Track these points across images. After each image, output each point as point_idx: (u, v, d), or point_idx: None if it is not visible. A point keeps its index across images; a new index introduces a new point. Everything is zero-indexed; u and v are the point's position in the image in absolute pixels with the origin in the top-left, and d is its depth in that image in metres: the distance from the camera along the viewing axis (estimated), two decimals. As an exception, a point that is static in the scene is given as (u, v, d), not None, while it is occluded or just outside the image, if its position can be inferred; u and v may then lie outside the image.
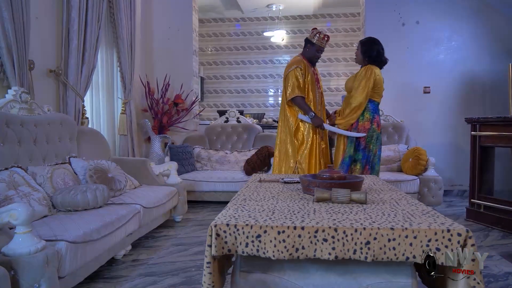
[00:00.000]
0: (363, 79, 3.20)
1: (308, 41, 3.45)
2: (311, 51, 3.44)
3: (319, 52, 3.45)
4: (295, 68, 3.35)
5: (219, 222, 1.43)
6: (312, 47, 3.42)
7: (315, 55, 3.46)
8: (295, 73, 3.34)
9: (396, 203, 1.77)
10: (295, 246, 1.38)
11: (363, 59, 3.35)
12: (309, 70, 3.40)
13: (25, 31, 2.84)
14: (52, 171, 2.61)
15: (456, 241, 1.34)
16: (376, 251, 1.35)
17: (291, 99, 3.38)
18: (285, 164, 3.47)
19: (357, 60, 3.42)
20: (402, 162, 4.34)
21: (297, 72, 3.34)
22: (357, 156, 3.28)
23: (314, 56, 3.46)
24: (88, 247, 2.01)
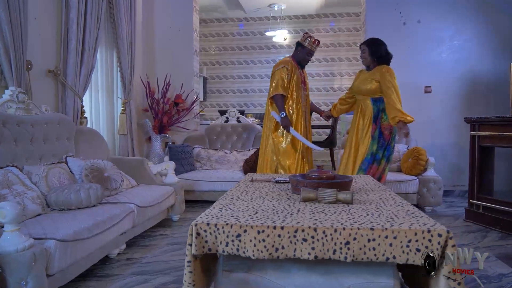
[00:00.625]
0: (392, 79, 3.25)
1: (300, 44, 3.56)
2: (301, 54, 3.53)
3: (309, 55, 3.56)
4: (282, 68, 3.47)
5: (199, 221, 1.44)
6: (303, 50, 3.51)
7: (305, 58, 3.56)
8: (281, 72, 3.46)
9: (383, 204, 1.76)
10: (274, 245, 1.38)
11: (372, 60, 3.40)
12: (295, 71, 3.49)
13: (23, 32, 2.87)
14: (48, 170, 2.64)
15: (436, 242, 1.33)
16: (355, 251, 1.35)
17: (272, 96, 3.47)
18: (266, 161, 3.54)
19: (366, 62, 3.44)
20: (402, 162, 4.31)
21: (283, 71, 3.45)
22: (379, 153, 3.30)
23: (304, 59, 3.56)
24: (78, 245, 2.03)
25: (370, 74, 3.41)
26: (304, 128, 3.57)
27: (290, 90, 3.47)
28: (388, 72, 3.28)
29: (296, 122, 3.51)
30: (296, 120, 3.50)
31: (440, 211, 4.08)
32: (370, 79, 3.38)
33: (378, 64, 3.41)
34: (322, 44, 7.64)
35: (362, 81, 3.46)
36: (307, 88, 3.65)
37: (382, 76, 3.27)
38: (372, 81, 3.36)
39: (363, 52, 3.45)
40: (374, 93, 3.39)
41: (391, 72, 3.31)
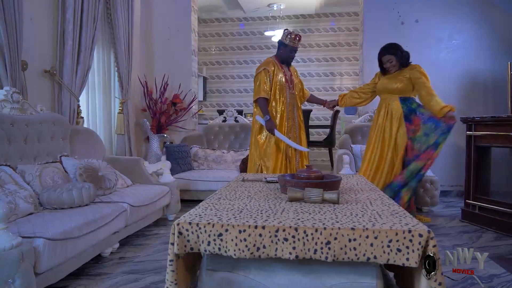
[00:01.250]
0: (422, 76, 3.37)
1: (281, 43, 3.55)
2: (284, 53, 3.53)
3: (292, 52, 3.56)
4: (263, 70, 3.48)
5: (182, 221, 1.44)
6: (285, 48, 3.51)
7: (289, 56, 3.56)
8: (261, 75, 3.46)
9: (369, 203, 1.76)
10: (256, 245, 1.39)
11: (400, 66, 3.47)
12: (279, 71, 3.47)
13: (18, 32, 2.89)
14: (42, 169, 2.66)
15: (417, 242, 1.32)
16: (336, 251, 1.35)
17: (255, 100, 3.50)
18: (252, 162, 3.55)
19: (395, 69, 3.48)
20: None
21: (263, 74, 3.45)
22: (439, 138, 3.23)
23: (288, 57, 3.56)
24: (68, 244, 2.04)
25: (398, 73, 3.47)
26: (292, 128, 3.54)
27: (273, 92, 3.46)
28: (422, 70, 3.39)
29: (280, 123, 3.49)
30: (280, 121, 3.49)
31: (437, 211, 4.06)
32: (399, 78, 3.43)
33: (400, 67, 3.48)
34: (322, 44, 7.65)
35: (389, 79, 3.47)
36: (294, 86, 3.61)
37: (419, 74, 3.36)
38: (402, 80, 3.42)
39: (389, 62, 3.47)
40: (403, 92, 3.43)
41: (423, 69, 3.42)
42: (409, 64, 3.49)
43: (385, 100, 3.51)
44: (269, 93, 3.46)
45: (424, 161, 3.26)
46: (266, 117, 3.40)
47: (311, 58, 7.67)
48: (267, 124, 3.41)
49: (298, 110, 3.64)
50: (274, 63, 3.51)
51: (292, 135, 3.54)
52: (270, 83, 3.45)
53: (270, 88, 3.46)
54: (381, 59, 3.53)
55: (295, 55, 3.60)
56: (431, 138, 3.27)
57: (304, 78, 7.72)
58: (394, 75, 3.48)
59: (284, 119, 3.50)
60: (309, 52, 7.66)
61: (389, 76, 3.51)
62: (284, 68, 3.56)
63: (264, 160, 3.44)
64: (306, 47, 7.66)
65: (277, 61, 3.54)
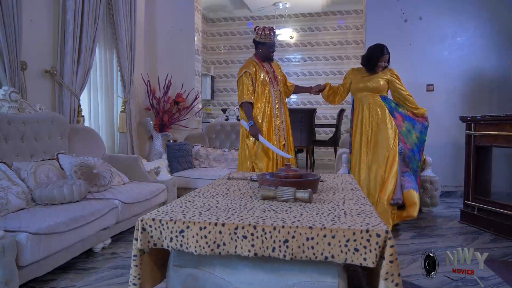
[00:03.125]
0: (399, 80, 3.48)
1: (257, 42, 3.48)
2: (263, 51, 3.46)
3: (271, 48, 3.47)
4: (244, 73, 3.44)
5: (146, 217, 1.48)
6: (263, 46, 3.45)
7: (269, 52, 3.48)
8: (243, 79, 3.43)
9: (342, 203, 1.76)
10: (216, 242, 1.41)
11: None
12: (261, 71, 3.43)
13: (17, 34, 2.98)
14: (37, 167, 2.75)
15: (374, 242, 1.32)
16: (294, 249, 1.36)
17: (240, 104, 3.48)
18: (243, 165, 3.54)
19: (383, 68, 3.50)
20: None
21: (245, 77, 3.42)
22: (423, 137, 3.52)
23: (268, 54, 3.48)
24: (53, 238, 2.11)
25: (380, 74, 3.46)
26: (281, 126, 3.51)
27: (257, 92, 3.42)
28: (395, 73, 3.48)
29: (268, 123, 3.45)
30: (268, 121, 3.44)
31: (437, 212, 3.99)
32: (377, 79, 3.43)
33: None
34: (329, 42, 7.60)
35: (369, 78, 3.45)
36: (279, 82, 3.54)
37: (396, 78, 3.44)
38: (382, 80, 3.43)
39: (385, 62, 3.45)
40: (383, 90, 3.45)
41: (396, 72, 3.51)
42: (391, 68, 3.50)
43: (366, 98, 3.42)
44: (253, 96, 3.43)
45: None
46: (250, 122, 3.36)
47: (318, 57, 7.63)
48: (251, 129, 3.37)
49: (285, 107, 3.60)
50: (254, 63, 3.46)
51: (282, 133, 3.52)
52: (253, 85, 3.42)
53: (253, 91, 3.43)
54: (380, 58, 3.48)
55: (275, 50, 3.53)
56: (412, 135, 3.48)
57: (311, 77, 7.70)
58: (376, 75, 3.43)
59: (272, 118, 3.47)
60: (316, 51, 7.63)
61: (365, 75, 3.46)
62: (266, 65, 3.50)
63: (256, 162, 3.44)
64: (313, 46, 7.63)
65: (257, 60, 3.49)
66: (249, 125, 3.41)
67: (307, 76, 7.72)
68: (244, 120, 3.48)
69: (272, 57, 3.58)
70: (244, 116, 3.49)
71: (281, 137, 3.54)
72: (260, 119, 3.46)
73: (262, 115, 3.47)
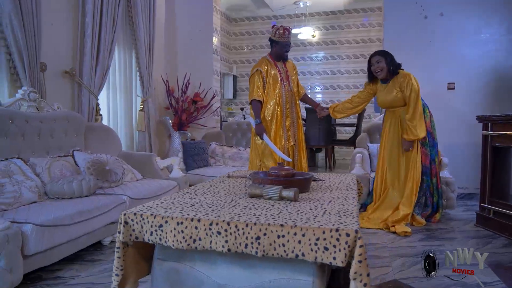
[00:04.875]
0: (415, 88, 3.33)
1: (272, 40, 3.49)
2: (278, 49, 3.47)
3: (285, 47, 3.48)
4: (256, 72, 3.46)
5: (128, 212, 1.55)
6: (277, 45, 3.46)
7: (282, 51, 3.48)
8: (255, 77, 3.45)
9: (327, 203, 1.76)
10: (192, 237, 1.45)
11: (388, 70, 3.41)
12: (272, 69, 3.43)
13: (36, 36, 3.16)
14: (51, 162, 2.91)
15: (344, 241, 1.32)
16: (266, 246, 1.38)
17: (250, 102, 3.50)
18: (253, 163, 3.56)
19: (383, 74, 3.43)
20: (415, 162, 4.13)
21: (256, 75, 3.44)
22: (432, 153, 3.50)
23: (282, 53, 3.49)
24: (58, 230, 2.23)
25: (391, 86, 3.43)
26: (291, 126, 3.51)
27: (266, 91, 3.44)
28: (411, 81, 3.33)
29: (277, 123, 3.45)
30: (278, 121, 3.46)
31: (453, 215, 3.86)
32: (394, 90, 3.41)
33: (393, 75, 3.41)
34: (352, 41, 7.48)
35: (387, 93, 3.45)
36: (292, 82, 3.54)
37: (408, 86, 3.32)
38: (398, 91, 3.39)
39: (378, 63, 3.41)
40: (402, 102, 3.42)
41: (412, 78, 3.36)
42: (400, 72, 3.40)
43: (394, 113, 3.50)
44: (263, 94, 3.45)
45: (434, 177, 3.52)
46: (257, 121, 3.39)
47: (341, 55, 7.53)
48: (256, 128, 3.39)
49: (296, 107, 3.60)
50: (267, 61, 3.49)
51: (292, 134, 3.52)
52: (263, 84, 3.45)
53: (264, 89, 3.45)
54: (370, 60, 3.45)
55: (289, 49, 3.53)
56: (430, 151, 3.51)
57: (333, 76, 7.62)
58: (389, 87, 3.42)
59: (280, 118, 3.47)
60: (339, 49, 7.53)
61: (384, 88, 3.47)
62: (279, 65, 3.52)
63: (264, 161, 3.46)
64: (336, 44, 7.53)
65: (271, 59, 3.51)
66: (255, 123, 3.44)
67: (329, 75, 7.64)
68: (253, 118, 3.52)
69: (286, 57, 3.59)
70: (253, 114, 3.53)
71: (290, 138, 3.54)
72: (269, 118, 3.48)
73: (271, 114, 3.48)
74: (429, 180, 3.49)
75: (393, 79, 3.42)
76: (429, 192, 3.50)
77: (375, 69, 3.42)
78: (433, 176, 3.50)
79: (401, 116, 3.45)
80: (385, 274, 2.34)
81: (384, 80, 3.47)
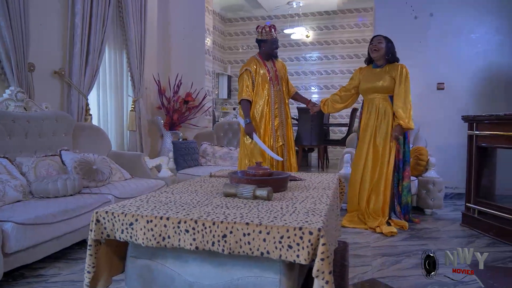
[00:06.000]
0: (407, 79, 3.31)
1: (260, 40, 3.51)
2: (266, 48, 3.49)
3: (274, 44, 3.50)
4: (245, 71, 3.47)
5: (100, 210, 1.57)
6: (266, 44, 3.47)
7: (272, 48, 3.50)
8: (244, 76, 3.46)
9: (300, 202, 1.78)
10: (161, 235, 1.48)
11: (384, 55, 3.39)
12: (261, 68, 3.45)
13: (24, 37, 3.19)
14: (38, 162, 2.93)
15: (307, 240, 1.34)
16: (232, 244, 1.40)
17: (239, 102, 3.52)
18: (241, 162, 3.58)
19: (378, 54, 3.40)
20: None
21: (246, 75, 3.45)
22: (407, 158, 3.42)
23: (271, 51, 3.50)
24: (40, 229, 2.26)
25: (383, 71, 3.38)
26: (280, 126, 3.53)
27: (255, 91, 3.46)
28: (405, 71, 3.32)
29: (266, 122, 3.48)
30: (267, 120, 3.48)
31: (440, 214, 3.89)
32: (385, 76, 3.35)
33: (388, 63, 3.40)
34: (346, 41, 7.50)
35: (374, 77, 3.41)
36: (281, 81, 3.54)
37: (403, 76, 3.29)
38: (389, 78, 3.35)
39: (379, 42, 3.41)
40: (389, 90, 3.35)
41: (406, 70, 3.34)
42: (395, 63, 3.37)
43: (373, 101, 3.40)
44: (252, 94, 3.47)
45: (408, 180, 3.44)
46: (246, 120, 3.41)
47: (335, 55, 7.56)
48: (246, 127, 3.41)
49: (285, 107, 3.61)
50: (256, 61, 3.51)
51: (281, 133, 3.54)
52: (252, 83, 3.47)
53: (253, 89, 3.47)
54: (372, 40, 3.47)
55: (278, 46, 3.55)
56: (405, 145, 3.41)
57: (328, 76, 7.64)
58: (379, 72, 3.37)
59: (270, 118, 3.49)
60: (333, 49, 7.55)
61: (374, 74, 3.40)
62: (269, 64, 3.53)
63: (253, 160, 3.48)
64: (330, 44, 7.56)
65: (260, 58, 3.53)
66: (245, 122, 3.46)
67: (323, 75, 7.66)
68: (242, 117, 3.54)
69: (276, 54, 3.61)
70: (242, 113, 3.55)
71: (279, 137, 3.55)
72: (258, 118, 3.50)
73: (260, 114, 3.50)
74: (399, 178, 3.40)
75: (388, 66, 3.38)
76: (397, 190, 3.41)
77: (373, 47, 3.41)
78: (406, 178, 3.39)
79: (379, 105, 3.38)
80: (364, 273, 2.36)
81: (377, 65, 3.45)
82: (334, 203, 2.16)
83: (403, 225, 3.30)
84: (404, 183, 3.38)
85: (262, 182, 1.94)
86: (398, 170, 3.38)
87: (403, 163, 3.38)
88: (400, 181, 3.39)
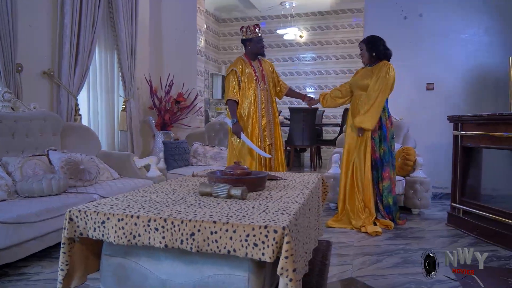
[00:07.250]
0: (384, 78, 3.31)
1: (244, 40, 3.54)
2: (253, 47, 3.50)
3: (260, 42, 3.52)
4: (231, 72, 3.49)
5: (73, 208, 1.59)
6: (252, 42, 3.49)
7: (258, 47, 3.52)
8: (230, 77, 3.49)
9: (274, 201, 1.80)
10: (132, 233, 1.50)
11: (370, 57, 3.46)
12: (247, 68, 3.46)
13: (12, 37, 3.21)
14: (24, 161, 2.96)
15: (272, 238, 1.36)
16: (200, 242, 1.43)
17: (226, 102, 3.56)
18: (230, 162, 3.61)
19: (364, 59, 3.51)
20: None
21: (232, 76, 3.47)
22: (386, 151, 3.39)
23: (258, 49, 3.52)
24: (23, 228, 2.28)
25: (370, 69, 3.43)
26: (267, 125, 3.55)
27: (242, 91, 3.49)
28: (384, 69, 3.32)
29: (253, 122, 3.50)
30: (253, 120, 3.50)
31: (427, 214, 3.91)
32: (371, 74, 3.39)
33: (378, 60, 3.46)
34: (339, 41, 7.52)
35: (361, 75, 3.47)
36: (267, 80, 3.56)
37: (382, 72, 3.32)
38: (374, 77, 3.36)
39: (360, 49, 3.53)
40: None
41: (388, 68, 3.34)
42: (383, 61, 3.40)
43: (358, 98, 3.44)
44: (238, 94, 3.49)
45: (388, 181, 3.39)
46: (233, 120, 3.44)
47: (328, 56, 7.58)
48: (233, 127, 3.43)
49: (273, 107, 3.62)
50: (242, 61, 3.53)
51: (268, 133, 3.56)
52: (239, 83, 3.49)
53: (239, 89, 3.50)
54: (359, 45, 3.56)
55: (263, 44, 3.57)
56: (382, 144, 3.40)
57: (321, 76, 7.66)
58: (367, 70, 3.43)
59: (257, 118, 3.51)
60: (327, 50, 7.58)
61: (363, 72, 3.47)
62: (255, 64, 3.54)
63: (241, 160, 3.51)
64: (324, 45, 7.58)
65: (246, 58, 3.55)
66: (232, 123, 3.48)
67: (317, 75, 7.69)
68: (229, 118, 3.56)
69: (263, 52, 3.63)
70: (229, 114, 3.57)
71: (266, 137, 3.57)
72: (245, 118, 3.52)
73: (247, 113, 3.52)
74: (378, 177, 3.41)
75: (377, 65, 3.42)
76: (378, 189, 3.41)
77: (360, 55, 3.55)
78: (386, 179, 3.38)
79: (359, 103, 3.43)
80: (343, 272, 2.38)
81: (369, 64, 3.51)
82: (312, 202, 2.19)
83: (388, 225, 3.32)
84: (384, 184, 3.38)
85: (238, 182, 1.96)
86: (376, 169, 3.39)
87: (381, 162, 3.37)
88: (379, 180, 3.40)
